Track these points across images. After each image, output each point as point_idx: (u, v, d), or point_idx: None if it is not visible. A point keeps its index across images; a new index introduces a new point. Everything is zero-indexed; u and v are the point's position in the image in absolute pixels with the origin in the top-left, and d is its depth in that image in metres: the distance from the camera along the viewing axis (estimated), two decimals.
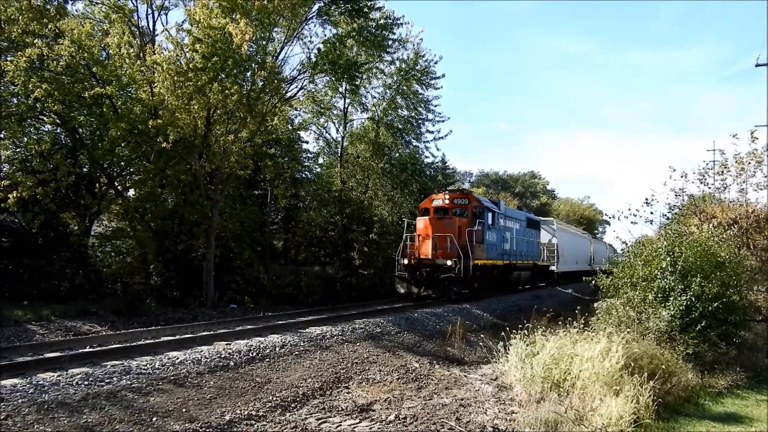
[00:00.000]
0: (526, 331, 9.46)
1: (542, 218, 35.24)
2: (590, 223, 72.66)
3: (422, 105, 27.93)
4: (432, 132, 28.82)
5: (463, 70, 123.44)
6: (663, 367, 8.11)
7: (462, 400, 8.31)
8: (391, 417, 7.41)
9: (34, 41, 14.81)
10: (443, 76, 27.48)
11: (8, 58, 15.19)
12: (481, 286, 19.66)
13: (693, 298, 9.94)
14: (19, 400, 6.25)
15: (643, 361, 8.05)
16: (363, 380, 9.14)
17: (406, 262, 18.20)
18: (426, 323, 14.58)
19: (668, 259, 10.53)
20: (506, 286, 23.25)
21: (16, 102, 15.78)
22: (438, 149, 58.51)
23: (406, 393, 8.66)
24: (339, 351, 10.59)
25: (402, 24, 23.12)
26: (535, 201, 68.75)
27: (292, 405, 7.66)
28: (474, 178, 67.51)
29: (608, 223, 72.40)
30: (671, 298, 10.18)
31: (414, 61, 26.76)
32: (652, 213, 15.48)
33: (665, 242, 11.01)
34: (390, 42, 23.41)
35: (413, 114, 28.01)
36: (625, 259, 12.14)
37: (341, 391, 8.53)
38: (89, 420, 6.13)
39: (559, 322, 9.98)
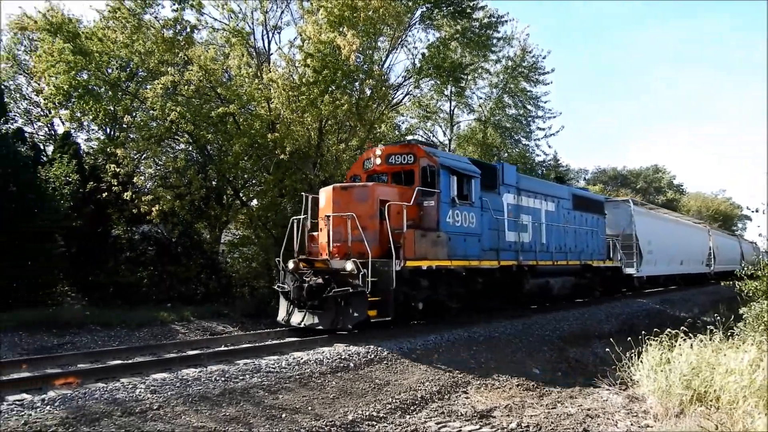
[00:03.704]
0: (662, 338, 8.73)
1: (608, 198, 25.87)
2: (727, 218, 65.73)
3: (531, 102, 27.11)
4: (543, 129, 27.88)
5: (573, 70, 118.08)
6: None
7: (589, 410, 7.87)
8: (513, 425, 7.19)
9: (168, 70, 16.44)
10: (552, 70, 26.47)
11: (147, 87, 17.02)
12: (433, 307, 12.14)
13: None
14: (168, 393, 6.91)
15: None
16: (481, 385, 8.99)
17: (291, 266, 11.28)
18: (545, 327, 14.03)
19: None
20: (517, 301, 15.03)
21: (155, 125, 17.61)
22: (549, 146, 56.17)
23: (528, 400, 8.37)
24: (456, 355, 10.50)
25: (506, 21, 22.64)
26: (660, 196, 63.55)
27: (411, 408, 7.71)
28: (590, 175, 64.08)
29: (749, 218, 65.12)
30: None
31: (521, 58, 26.05)
32: None
33: None
34: (495, 41, 23.01)
35: (522, 112, 27.26)
36: None
37: (459, 395, 8.45)
38: (227, 413, 6.62)
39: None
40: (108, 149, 17.30)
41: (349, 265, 10.29)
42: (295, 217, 11.86)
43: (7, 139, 15.07)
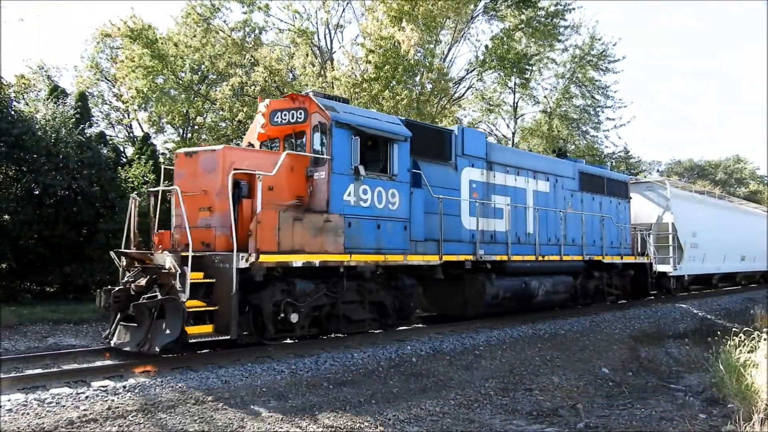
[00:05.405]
0: (745, 338, 8.19)
1: (636, 178, 22.23)
2: None
3: (599, 91, 26.11)
4: (612, 119, 26.86)
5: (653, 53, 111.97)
6: None
7: (663, 412, 7.49)
8: (581, 425, 6.97)
9: (236, 72, 17.09)
10: (623, 58, 25.42)
11: (217, 89, 17.75)
12: (310, 323, 9.17)
13: None
14: (238, 383, 7.21)
15: None
16: (547, 383, 8.77)
17: (125, 261, 8.78)
18: (614, 325, 13.51)
19: None
20: (472, 309, 11.73)
21: (224, 125, 18.35)
22: (620, 137, 54.55)
23: (596, 400, 8.08)
24: (520, 352, 10.31)
25: (574, 9, 21.92)
26: (742, 188, 59.41)
27: (475, 404, 7.64)
28: (663, 167, 60.91)
29: None
30: None
31: (589, 46, 25.09)
32: None
33: None
34: (562, 29, 22.34)
35: (590, 102, 26.31)
36: None
37: (524, 393, 8.28)
38: (293, 404, 6.82)
39: None
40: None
41: (168, 261, 7.64)
42: (132, 195, 9.37)
43: (91, 142, 16.16)
